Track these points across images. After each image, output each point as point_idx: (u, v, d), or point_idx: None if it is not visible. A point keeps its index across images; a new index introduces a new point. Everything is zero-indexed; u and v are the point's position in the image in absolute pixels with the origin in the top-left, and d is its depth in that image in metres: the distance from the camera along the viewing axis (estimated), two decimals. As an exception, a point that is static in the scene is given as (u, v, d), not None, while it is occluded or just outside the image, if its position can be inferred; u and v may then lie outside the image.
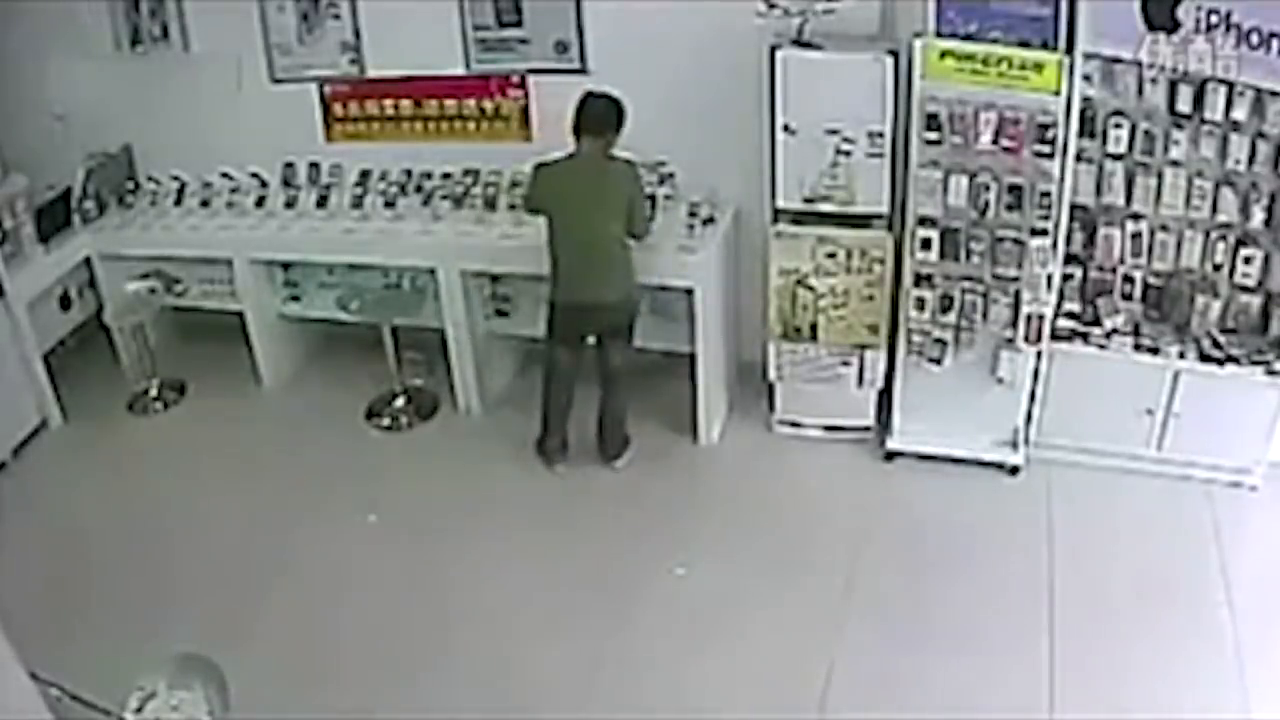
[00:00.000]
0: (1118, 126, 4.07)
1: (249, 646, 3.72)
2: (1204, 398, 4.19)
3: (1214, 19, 3.74)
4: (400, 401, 5.18)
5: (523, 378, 5.15)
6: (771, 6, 4.30)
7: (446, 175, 5.07)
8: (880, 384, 4.61)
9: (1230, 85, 3.85)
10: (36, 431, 5.17)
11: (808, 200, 4.29)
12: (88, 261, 5.34)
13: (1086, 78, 3.89)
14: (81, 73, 5.33)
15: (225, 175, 5.32)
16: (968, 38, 3.90)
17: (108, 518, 4.62)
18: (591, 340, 4.51)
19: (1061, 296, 4.30)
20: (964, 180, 4.04)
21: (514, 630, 3.93)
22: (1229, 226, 4.13)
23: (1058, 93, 3.84)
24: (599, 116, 4.19)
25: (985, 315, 4.24)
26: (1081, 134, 4.00)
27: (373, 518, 4.53)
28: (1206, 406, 4.21)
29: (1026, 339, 4.21)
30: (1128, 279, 4.35)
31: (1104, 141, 4.11)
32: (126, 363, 5.58)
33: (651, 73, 4.59)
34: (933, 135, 4.01)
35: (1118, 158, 4.14)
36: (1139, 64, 3.89)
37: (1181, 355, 4.20)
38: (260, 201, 5.26)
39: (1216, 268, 4.21)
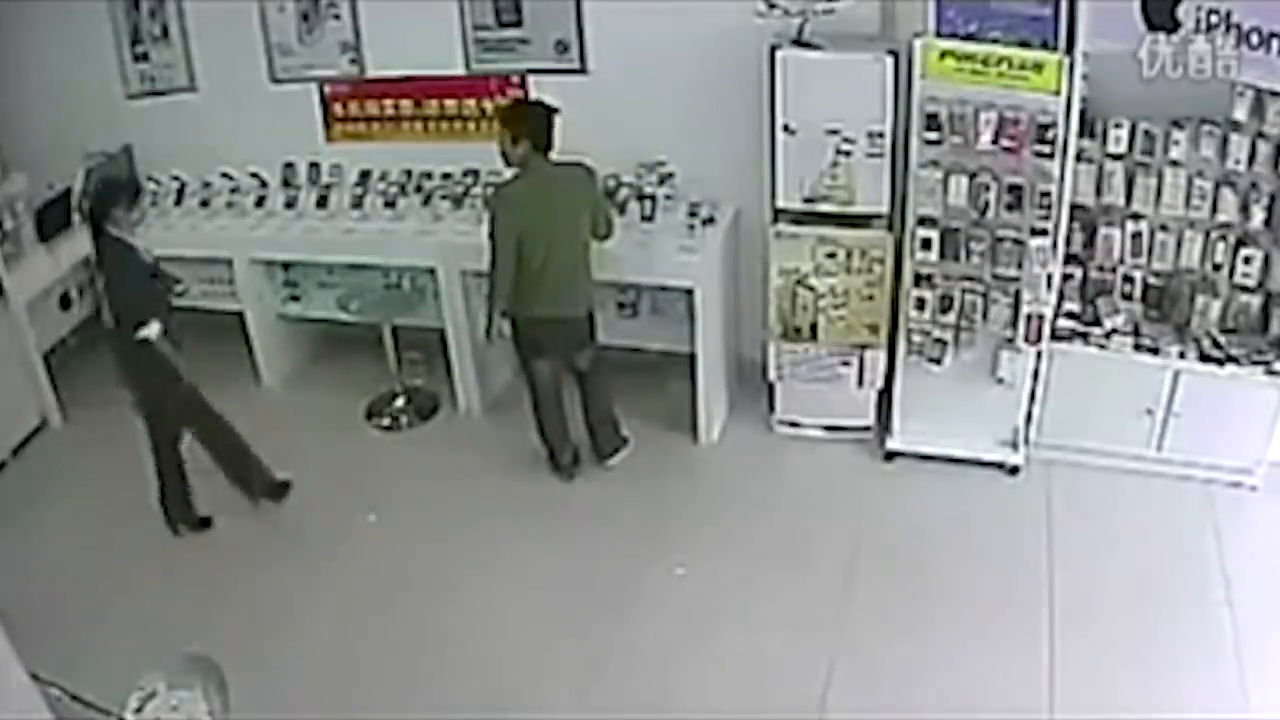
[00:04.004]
0: (1118, 126, 4.07)
1: (248, 645, 3.72)
2: (1204, 398, 4.19)
3: (1214, 19, 3.73)
4: (400, 401, 5.18)
5: (522, 378, 5.14)
6: (771, 6, 4.29)
7: (446, 175, 5.07)
8: (880, 384, 4.61)
9: (1230, 85, 3.85)
10: (36, 431, 5.17)
11: (808, 200, 4.29)
12: (88, 261, 5.33)
13: (1086, 77, 3.89)
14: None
15: (225, 175, 5.31)
16: (968, 38, 3.90)
17: (107, 518, 4.61)
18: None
19: (1061, 296, 4.29)
20: (964, 180, 4.04)
21: (514, 629, 3.93)
22: (1229, 226, 4.13)
23: (1058, 93, 3.84)
24: (548, 125, 4.05)
25: (985, 315, 4.24)
26: (1081, 134, 4.00)
27: (373, 517, 4.53)
28: (1206, 406, 4.21)
29: (1026, 339, 4.21)
30: (1128, 279, 4.35)
31: (1104, 141, 4.12)
32: (127, 363, 5.58)
33: (651, 73, 4.60)
34: (933, 135, 4.01)
35: (1118, 158, 4.14)
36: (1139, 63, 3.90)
37: (1181, 355, 4.20)
38: (260, 201, 5.26)
39: (1216, 268, 4.21)
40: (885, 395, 4.63)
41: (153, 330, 3.98)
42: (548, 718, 3.61)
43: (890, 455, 4.61)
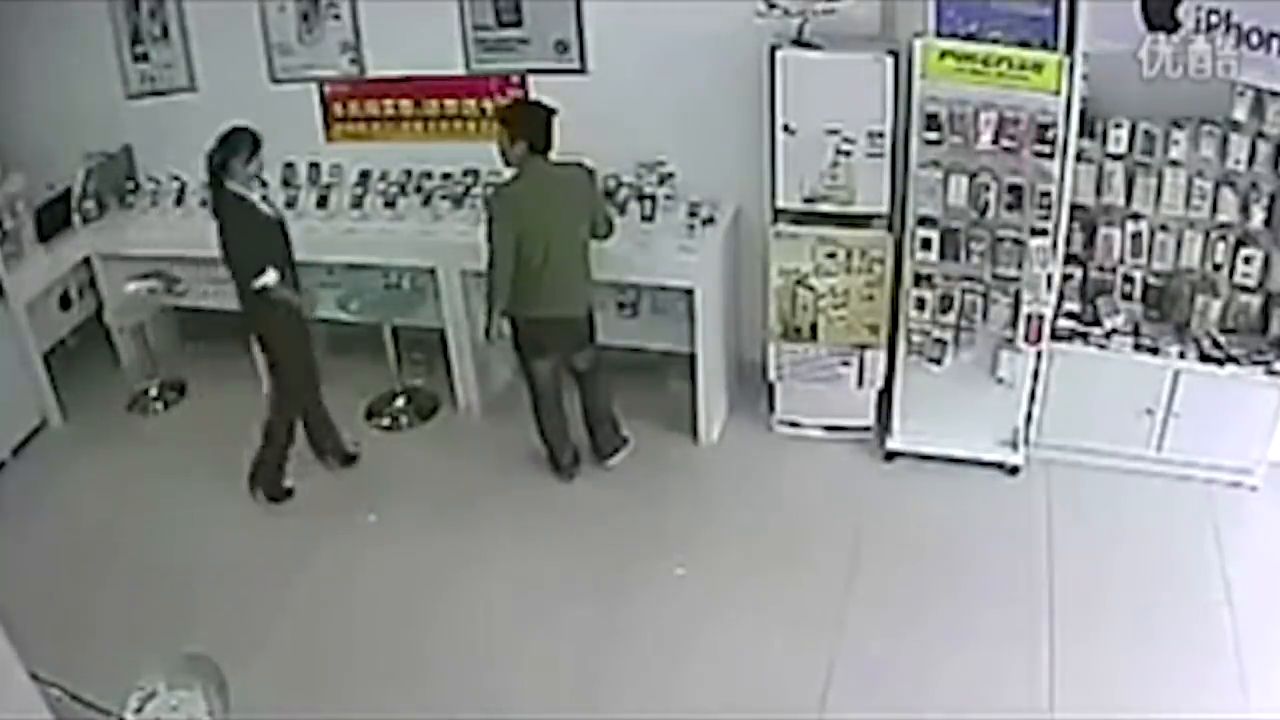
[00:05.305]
0: (1118, 126, 4.08)
1: (248, 646, 3.73)
2: (1204, 398, 4.19)
3: (1214, 19, 3.74)
4: (400, 401, 5.18)
5: (522, 378, 5.15)
6: (771, 6, 4.30)
7: (446, 175, 5.07)
8: (880, 384, 4.61)
9: (1230, 85, 3.85)
10: (36, 431, 5.17)
11: (808, 200, 4.29)
12: (88, 261, 5.35)
13: (1086, 77, 3.89)
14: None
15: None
16: (968, 38, 3.90)
17: (108, 518, 4.62)
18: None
19: (1061, 296, 4.29)
20: (964, 180, 4.04)
21: (513, 629, 3.94)
22: (1229, 226, 4.13)
23: (1058, 93, 3.84)
24: (546, 125, 4.04)
25: (985, 315, 4.23)
26: (1081, 134, 4.00)
27: (373, 517, 4.53)
28: (1206, 406, 4.21)
29: (1026, 339, 4.20)
30: (1128, 279, 4.35)
31: (1104, 141, 4.12)
32: (126, 363, 5.59)
33: (651, 73, 4.60)
34: (933, 135, 4.00)
35: (1118, 158, 4.14)
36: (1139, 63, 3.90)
37: (1181, 355, 4.20)
38: (260, 201, 5.25)
39: (1216, 268, 4.21)
40: (885, 395, 4.63)
41: (270, 278, 4.15)
42: (547, 717, 3.61)
43: (890, 455, 4.61)
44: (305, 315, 4.40)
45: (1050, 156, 3.93)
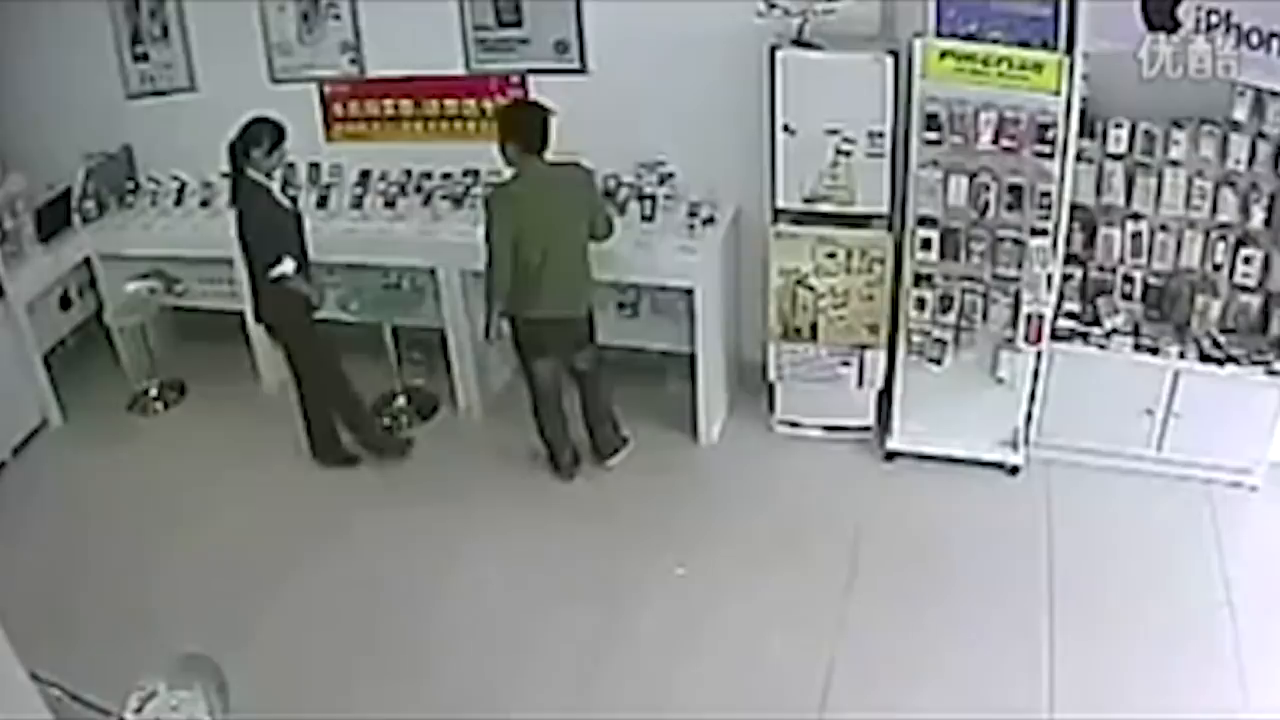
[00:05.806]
0: (1118, 126, 4.08)
1: (248, 647, 3.73)
2: (1204, 398, 4.19)
3: (1214, 19, 3.73)
4: (400, 401, 5.18)
5: (522, 378, 5.15)
6: (771, 6, 4.30)
7: (446, 175, 5.08)
8: (880, 384, 4.61)
9: (1230, 85, 3.85)
10: (36, 431, 5.18)
11: (808, 200, 4.29)
12: (88, 261, 5.35)
13: (1086, 77, 3.89)
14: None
15: (225, 175, 5.28)
16: (968, 38, 3.90)
17: (108, 517, 4.62)
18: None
19: (1061, 296, 4.30)
20: (964, 180, 4.04)
21: (514, 629, 3.94)
22: (1229, 226, 4.13)
23: (1058, 93, 3.84)
24: (542, 126, 4.03)
25: (985, 315, 4.23)
26: (1081, 134, 4.00)
27: (372, 518, 4.53)
28: (1206, 406, 4.20)
29: (1026, 339, 4.20)
30: (1128, 279, 4.35)
31: (1104, 141, 4.11)
32: (126, 363, 5.58)
33: (651, 73, 4.60)
34: (933, 135, 4.00)
35: (1118, 158, 4.14)
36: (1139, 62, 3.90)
37: (1181, 355, 4.20)
38: (260, 201, 5.25)
39: (1216, 268, 4.21)
40: (885, 395, 4.63)
41: (286, 267, 4.24)
42: (547, 716, 3.61)
43: (890, 455, 4.61)
44: (314, 306, 4.46)
45: (1050, 156, 3.93)
